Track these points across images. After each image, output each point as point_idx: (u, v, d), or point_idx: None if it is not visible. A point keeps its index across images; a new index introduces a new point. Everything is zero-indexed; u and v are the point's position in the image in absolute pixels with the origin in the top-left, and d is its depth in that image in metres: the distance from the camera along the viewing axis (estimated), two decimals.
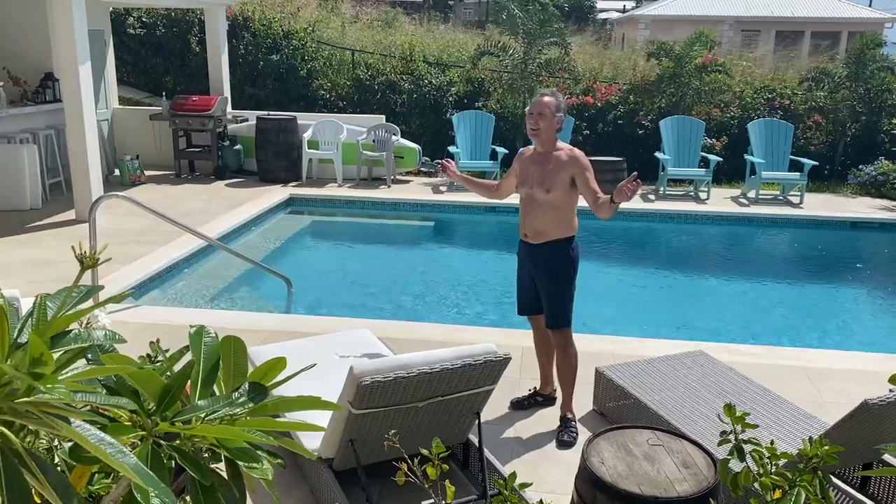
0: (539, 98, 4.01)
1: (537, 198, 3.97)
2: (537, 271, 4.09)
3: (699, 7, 27.08)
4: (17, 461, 1.12)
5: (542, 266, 4.05)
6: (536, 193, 3.97)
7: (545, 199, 3.94)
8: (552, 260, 4.02)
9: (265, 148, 10.88)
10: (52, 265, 6.83)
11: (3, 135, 9.19)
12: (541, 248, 4.04)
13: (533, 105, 4.00)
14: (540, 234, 4.02)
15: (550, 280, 4.05)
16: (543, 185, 3.94)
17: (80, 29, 8.01)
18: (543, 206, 3.96)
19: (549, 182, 3.93)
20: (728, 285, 7.99)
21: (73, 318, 1.23)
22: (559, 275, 4.03)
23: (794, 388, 4.60)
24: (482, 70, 13.03)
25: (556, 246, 4.00)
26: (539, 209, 3.98)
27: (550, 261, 4.02)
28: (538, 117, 3.94)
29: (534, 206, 4.00)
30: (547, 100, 3.97)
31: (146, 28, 14.02)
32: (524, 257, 4.18)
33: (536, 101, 3.99)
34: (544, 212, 3.97)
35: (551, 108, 3.95)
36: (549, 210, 3.96)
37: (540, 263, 4.06)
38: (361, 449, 3.07)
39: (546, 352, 4.37)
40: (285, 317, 6.18)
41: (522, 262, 4.22)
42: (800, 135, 11.94)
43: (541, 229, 4.00)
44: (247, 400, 1.54)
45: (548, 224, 3.99)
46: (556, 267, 4.02)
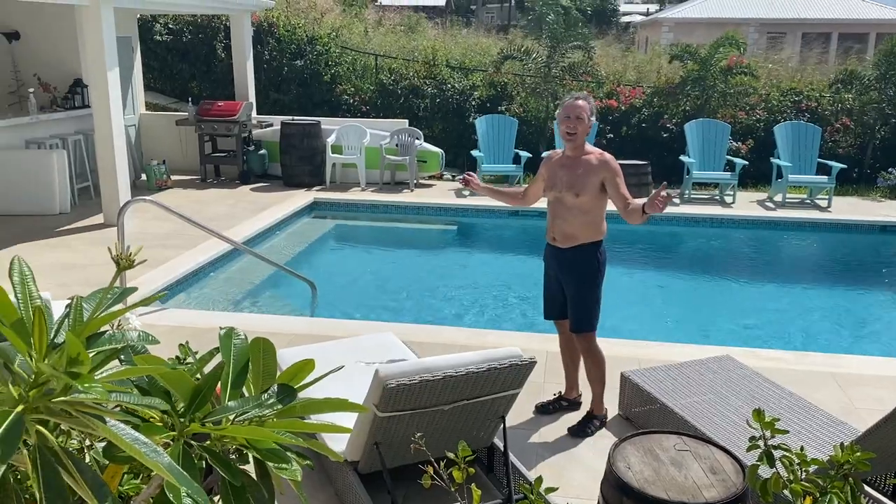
0: (574, 101, 3.97)
1: (566, 201, 3.95)
2: (564, 275, 4.08)
3: (723, 10, 26.87)
4: (54, 459, 1.14)
5: (570, 270, 4.04)
6: (566, 197, 3.95)
7: (574, 202, 3.93)
8: (580, 264, 4.01)
9: (289, 153, 10.96)
10: (80, 269, 6.93)
11: (34, 140, 9.35)
12: (569, 251, 4.02)
13: (569, 108, 3.95)
14: (568, 237, 4.00)
15: (577, 284, 4.04)
16: (573, 189, 3.92)
17: (109, 36, 8.14)
18: (573, 209, 3.95)
19: (580, 186, 3.91)
20: (755, 290, 7.90)
21: (108, 319, 1.25)
22: (586, 279, 4.02)
23: (824, 394, 4.53)
24: (505, 74, 13.03)
25: (584, 250, 3.99)
26: (568, 213, 3.97)
27: (578, 264, 4.01)
28: (576, 121, 3.92)
29: (563, 210, 3.99)
30: (582, 104, 3.95)
31: (173, 34, 14.21)
32: (551, 261, 4.17)
33: (572, 105, 3.95)
34: (573, 215, 3.95)
35: (587, 112, 3.95)
36: (579, 214, 3.95)
37: (567, 267, 4.05)
38: (387, 452, 3.08)
39: (572, 356, 4.36)
40: (310, 320, 6.22)
41: (549, 265, 4.21)
42: (827, 137, 11.79)
43: (570, 233, 3.99)
44: (276, 401, 1.55)
45: (577, 228, 3.97)
46: (584, 271, 4.02)
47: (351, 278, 8.20)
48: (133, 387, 1.45)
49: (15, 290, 1.24)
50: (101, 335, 1.26)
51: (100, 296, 1.31)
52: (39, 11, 10.05)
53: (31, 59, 10.43)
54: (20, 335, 1.15)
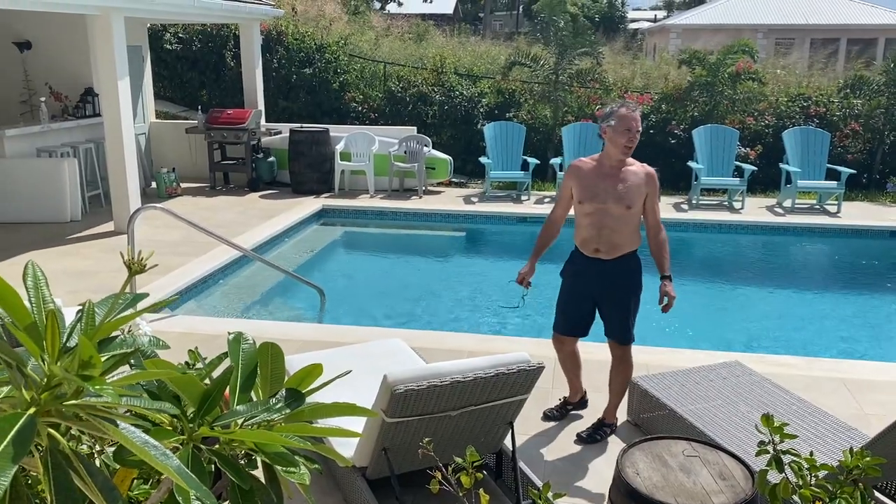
0: (633, 113, 3.85)
1: (614, 212, 3.87)
2: (608, 287, 4.00)
3: (732, 16, 26.84)
4: (65, 462, 1.15)
5: (616, 281, 3.98)
6: (613, 208, 3.86)
7: (624, 214, 3.86)
8: (627, 273, 3.98)
9: (298, 160, 11.01)
10: (91, 276, 6.97)
11: (45, 149, 9.43)
12: (614, 262, 3.94)
13: (633, 121, 3.82)
14: (616, 247, 3.92)
15: (624, 294, 3.99)
16: (623, 202, 3.85)
17: (119, 46, 8.21)
18: (620, 220, 3.88)
19: (630, 198, 3.85)
20: (764, 295, 7.87)
21: (120, 324, 1.27)
22: (634, 287, 3.99)
23: (833, 399, 4.51)
24: (513, 81, 13.05)
25: (630, 259, 3.96)
26: (616, 223, 3.88)
27: (625, 275, 3.97)
28: (636, 134, 3.85)
29: (610, 220, 3.89)
30: (639, 115, 3.88)
31: (182, 43, 14.31)
32: (589, 275, 4.03)
33: (634, 117, 3.84)
34: (621, 226, 3.89)
35: (637, 122, 3.87)
36: (625, 225, 3.89)
37: (613, 279, 3.98)
38: (395, 458, 3.08)
39: (573, 367, 4.33)
40: (318, 326, 6.24)
41: (581, 281, 4.07)
42: (837, 143, 11.75)
43: (617, 243, 3.91)
44: (284, 406, 1.56)
45: (625, 237, 3.92)
46: (632, 279, 3.99)
47: (359, 285, 8.22)
48: (143, 391, 1.47)
49: (29, 294, 1.26)
50: (113, 339, 1.27)
51: (111, 300, 1.33)
52: (51, 21, 10.15)
53: (42, 69, 10.52)
54: (33, 338, 1.17)
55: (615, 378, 4.13)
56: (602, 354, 5.21)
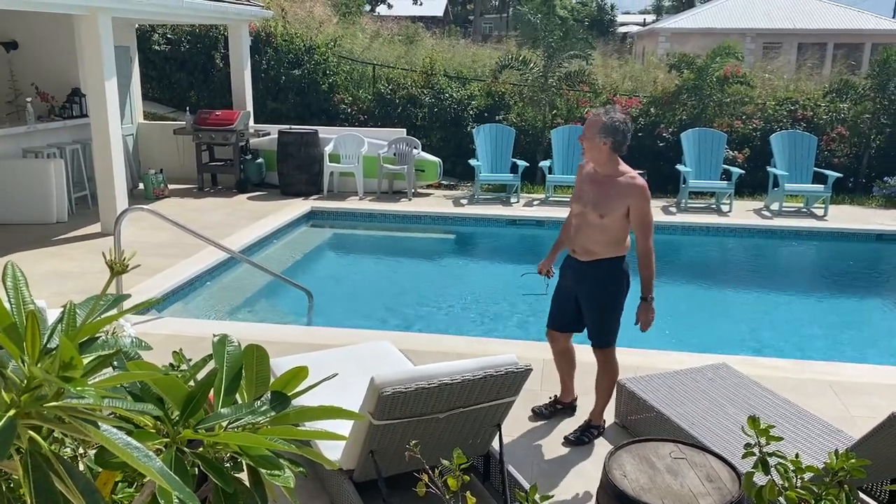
0: (590, 118, 3.84)
1: (590, 219, 3.86)
2: (581, 288, 4.02)
3: (720, 20, 26.98)
4: (46, 465, 1.14)
5: (588, 283, 3.98)
6: (590, 215, 3.86)
7: (598, 222, 3.84)
8: (598, 278, 3.95)
9: (287, 161, 10.97)
10: (76, 277, 6.92)
11: (31, 149, 9.35)
12: (588, 265, 3.95)
13: (585, 125, 3.85)
14: (589, 252, 3.93)
15: (594, 297, 3.99)
16: (598, 210, 3.82)
17: (107, 46, 8.15)
18: (595, 227, 3.87)
19: (605, 208, 3.81)
20: (751, 298, 7.91)
21: (102, 325, 1.26)
22: (605, 293, 3.96)
23: (820, 401, 4.53)
24: (502, 84, 13.07)
25: (604, 264, 3.93)
26: (590, 229, 3.89)
27: (596, 279, 3.96)
28: (583, 138, 3.84)
29: (585, 226, 3.91)
30: (597, 119, 3.79)
31: (171, 44, 14.24)
32: (567, 272, 4.09)
33: (588, 122, 3.84)
34: (595, 233, 3.88)
35: (593, 128, 3.78)
36: (600, 233, 3.87)
37: (585, 280, 3.99)
38: (382, 460, 3.07)
39: (568, 365, 4.35)
40: (306, 329, 6.21)
41: (565, 276, 4.13)
42: (823, 146, 11.83)
43: (590, 248, 3.92)
44: (269, 409, 1.55)
45: (598, 245, 3.90)
46: (602, 285, 3.96)
47: (348, 287, 8.19)
48: (126, 393, 1.45)
49: (8, 295, 1.25)
50: (95, 341, 1.26)
51: (93, 302, 1.31)
52: (37, 21, 10.08)
53: (28, 69, 10.44)
54: (13, 340, 1.15)
55: (600, 381, 4.15)
56: (589, 355, 5.22)
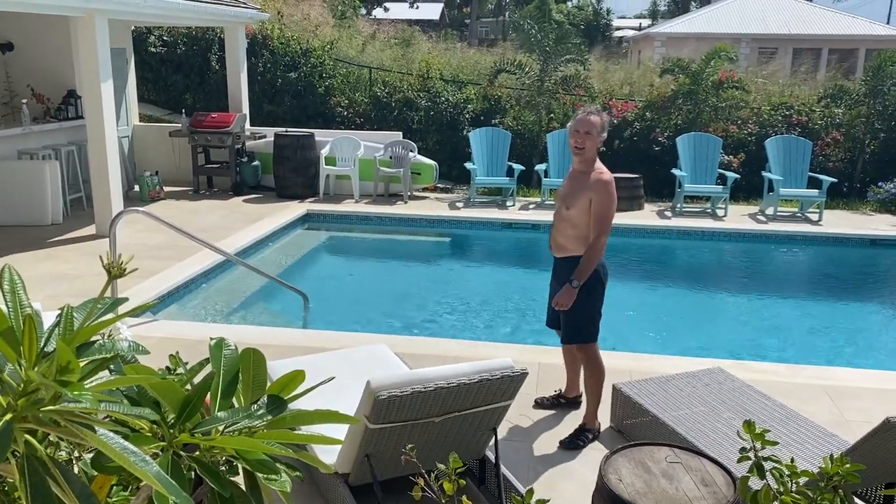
0: (586, 117, 3.94)
1: (562, 213, 4.04)
2: (557, 284, 4.12)
3: (715, 25, 27.08)
4: (42, 469, 1.14)
5: (563, 278, 4.06)
6: (562, 208, 4.03)
7: (566, 214, 4.00)
8: (569, 275, 4.00)
9: (283, 164, 10.97)
10: (71, 279, 6.91)
11: (26, 151, 9.33)
12: (562, 261, 4.09)
13: (580, 123, 3.92)
14: (560, 248, 4.08)
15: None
16: (566, 202, 3.99)
17: (103, 48, 8.14)
18: (564, 221, 4.02)
19: (571, 200, 3.97)
20: (746, 302, 7.92)
21: (99, 328, 1.25)
22: (583, 289, 3.98)
23: (815, 406, 4.55)
24: (499, 87, 13.09)
25: (575, 261, 3.99)
26: (561, 223, 4.05)
27: (568, 275, 4.01)
28: (584, 136, 3.91)
29: (558, 220, 4.08)
30: (594, 119, 3.92)
31: (167, 46, 14.23)
32: (553, 270, 4.24)
33: (584, 120, 3.92)
34: (565, 227, 4.03)
35: (598, 127, 3.92)
36: (569, 227, 4.00)
37: (560, 278, 4.10)
38: (377, 464, 3.07)
39: (572, 361, 4.43)
40: (302, 332, 6.21)
41: (552, 275, 4.27)
42: (818, 151, 11.88)
43: (561, 244, 4.06)
44: (265, 412, 1.55)
45: (567, 240, 4.02)
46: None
47: (344, 290, 8.19)
48: (122, 397, 1.45)
49: (5, 298, 1.24)
50: (92, 344, 1.26)
51: (91, 305, 1.31)
52: (33, 22, 10.06)
53: (24, 70, 10.42)
54: (10, 343, 1.15)
55: (586, 381, 4.21)
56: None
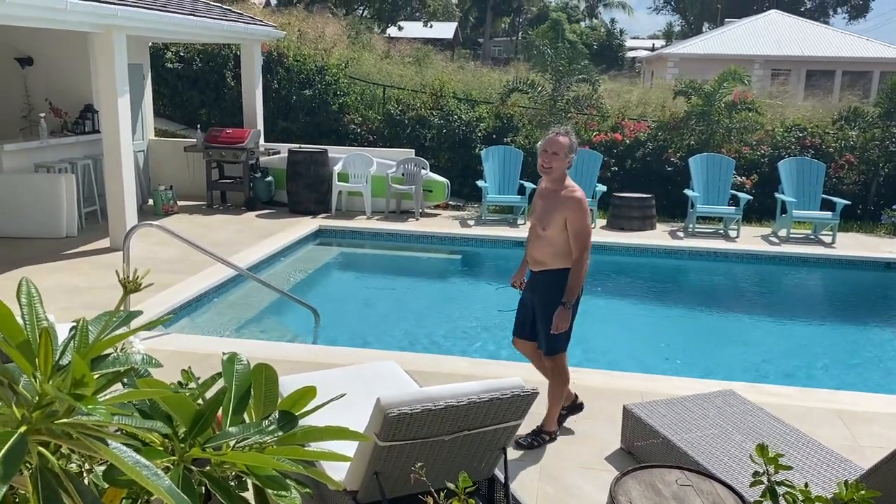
0: (554, 137, 4.04)
1: (536, 231, 4.16)
2: (535, 297, 4.23)
3: (729, 46, 27.12)
4: (55, 481, 1.14)
5: (539, 293, 4.19)
6: (537, 228, 4.15)
7: (543, 234, 4.11)
8: (548, 288, 4.13)
9: (296, 180, 11.03)
10: (85, 292, 6.95)
11: (43, 164, 9.44)
12: (539, 275, 4.21)
13: (548, 143, 4.04)
14: (538, 263, 4.19)
15: (544, 307, 4.15)
16: (542, 223, 4.10)
17: (121, 63, 8.25)
18: (541, 239, 4.13)
19: (546, 220, 4.08)
20: (758, 325, 7.87)
21: (114, 342, 1.26)
22: (553, 302, 4.09)
23: (828, 431, 4.50)
24: (511, 106, 13.14)
25: (554, 275, 4.12)
26: (538, 241, 4.16)
27: (547, 288, 4.14)
28: (552, 156, 4.02)
29: (534, 238, 4.19)
30: (562, 140, 4.03)
31: (183, 62, 14.38)
32: (527, 282, 4.37)
33: (552, 140, 4.04)
34: (542, 244, 4.13)
35: (565, 148, 4.02)
36: (546, 245, 4.12)
37: (537, 290, 4.22)
38: (386, 482, 3.05)
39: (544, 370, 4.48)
40: (312, 347, 6.21)
41: (526, 287, 4.40)
42: (832, 174, 11.83)
43: (539, 259, 4.18)
44: (276, 428, 1.55)
45: (545, 255, 4.14)
46: (551, 295, 4.12)
47: (354, 306, 8.19)
48: (135, 410, 1.46)
49: (22, 311, 1.26)
50: (106, 357, 1.27)
51: (105, 318, 1.32)
52: (53, 38, 10.20)
53: (43, 85, 10.56)
54: (26, 356, 1.16)
55: (551, 388, 4.28)
56: (595, 380, 5.20)
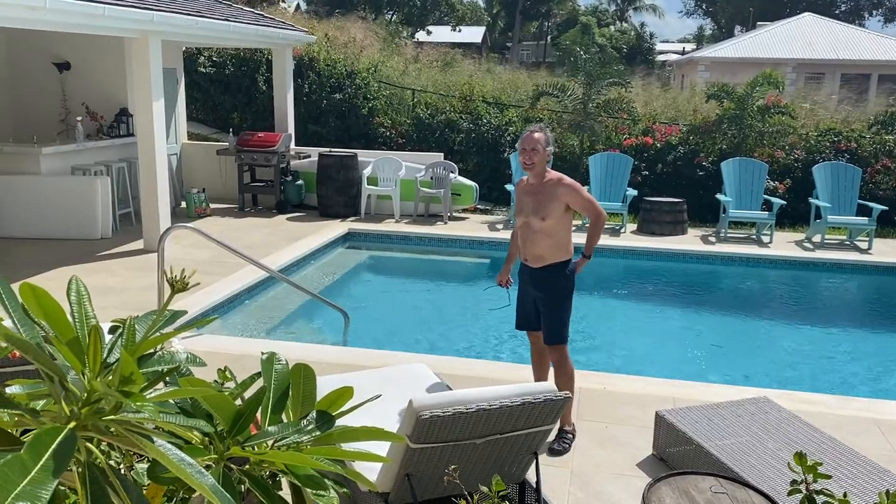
0: (530, 135, 4.25)
1: (533, 226, 4.25)
2: (537, 292, 4.37)
3: (761, 49, 26.80)
4: (101, 477, 1.16)
5: (542, 288, 4.34)
6: (533, 222, 4.25)
7: (541, 226, 4.23)
8: (551, 282, 4.30)
9: (326, 183, 11.11)
10: (119, 292, 7.06)
11: (79, 167, 9.61)
12: (540, 271, 4.33)
13: (525, 141, 4.25)
14: (539, 258, 4.31)
15: (550, 300, 4.32)
16: (539, 214, 4.22)
17: (156, 68, 8.38)
18: (539, 233, 4.25)
19: (544, 211, 4.21)
20: (792, 331, 7.75)
21: (160, 341, 1.28)
22: (558, 296, 4.31)
23: (865, 440, 4.41)
24: (540, 110, 13.11)
25: (554, 269, 4.29)
26: (535, 236, 4.27)
27: (549, 283, 4.31)
28: (531, 153, 4.22)
29: (530, 233, 4.29)
30: (538, 136, 4.24)
31: (216, 67, 14.58)
32: (525, 277, 4.48)
33: (528, 138, 4.24)
34: (540, 238, 4.26)
35: (542, 143, 4.22)
36: (545, 237, 4.25)
37: (540, 285, 4.35)
38: (418, 484, 3.06)
39: (541, 369, 4.65)
40: (342, 349, 6.24)
41: (524, 281, 4.52)
42: (868, 179, 11.63)
43: (538, 254, 4.30)
44: (314, 428, 1.56)
45: (545, 249, 4.27)
46: (555, 288, 4.31)
47: (383, 309, 8.22)
48: (176, 408, 1.48)
49: (72, 308, 1.28)
50: (151, 356, 1.29)
51: (152, 318, 1.34)
52: (89, 43, 10.39)
53: (79, 89, 10.76)
54: (75, 353, 1.19)
55: (560, 382, 4.34)
56: (627, 386, 5.17)
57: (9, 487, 0.91)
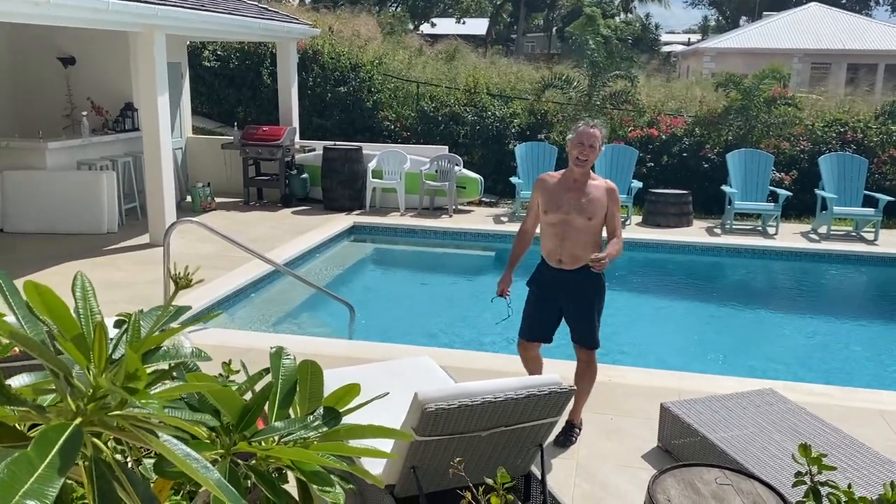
0: (590, 129, 4.10)
1: (576, 224, 4.09)
2: (573, 296, 4.21)
3: (767, 40, 26.66)
4: (108, 472, 1.17)
5: (580, 290, 4.18)
6: (576, 220, 4.09)
7: (586, 225, 4.09)
8: (590, 282, 4.14)
9: (331, 177, 11.12)
10: (125, 287, 7.08)
11: (85, 161, 9.63)
12: (576, 273, 4.15)
13: (584, 136, 4.08)
14: (577, 259, 4.13)
15: (589, 302, 4.19)
16: (585, 213, 4.08)
17: (160, 62, 8.38)
18: (582, 232, 4.10)
19: (592, 210, 4.09)
20: (798, 323, 7.74)
21: (165, 337, 1.29)
22: (597, 296, 4.19)
23: (870, 431, 4.41)
24: (545, 102, 13.07)
25: (587, 269, 4.08)
26: (577, 234, 4.11)
27: (589, 283, 4.15)
28: (589, 150, 4.07)
29: (572, 232, 4.11)
30: (597, 132, 4.11)
31: (220, 61, 14.56)
32: (553, 284, 4.25)
33: (588, 133, 4.08)
34: (582, 237, 4.11)
35: (600, 140, 4.11)
36: (587, 236, 4.12)
37: (577, 288, 4.19)
38: (423, 476, 3.07)
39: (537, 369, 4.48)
40: (347, 343, 6.26)
41: (548, 288, 4.28)
42: (874, 169, 11.57)
43: (577, 255, 4.12)
44: (321, 424, 1.57)
45: (584, 250, 4.11)
46: (595, 289, 4.18)
47: (389, 302, 8.23)
48: (183, 403, 1.49)
49: (77, 304, 1.29)
50: (157, 351, 1.29)
51: (156, 313, 1.35)
52: (94, 38, 10.40)
53: (85, 83, 10.78)
54: (80, 349, 1.19)
55: (581, 382, 4.24)
56: (632, 378, 5.17)
57: (16, 486, 0.92)
